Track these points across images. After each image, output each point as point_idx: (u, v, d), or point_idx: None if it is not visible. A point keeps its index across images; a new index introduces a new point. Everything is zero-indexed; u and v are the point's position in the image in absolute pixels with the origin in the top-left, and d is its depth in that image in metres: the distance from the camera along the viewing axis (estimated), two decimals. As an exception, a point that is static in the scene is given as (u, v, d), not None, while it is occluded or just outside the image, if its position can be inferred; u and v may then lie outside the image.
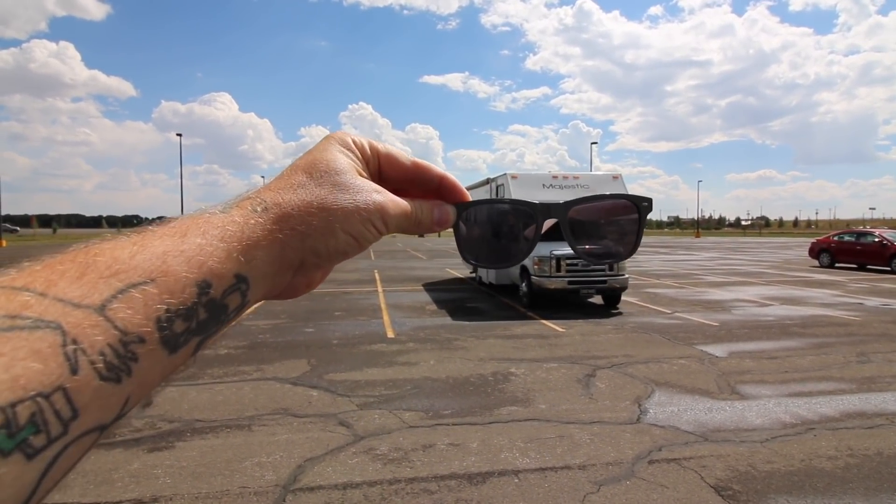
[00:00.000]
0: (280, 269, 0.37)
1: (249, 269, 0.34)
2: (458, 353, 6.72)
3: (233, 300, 0.33)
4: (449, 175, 0.47)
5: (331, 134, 0.44)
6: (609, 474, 3.53)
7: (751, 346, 7.20)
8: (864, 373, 5.87)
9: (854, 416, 4.59)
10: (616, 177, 10.99)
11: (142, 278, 0.29)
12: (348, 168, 0.41)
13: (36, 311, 0.25)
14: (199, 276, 0.31)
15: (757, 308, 10.40)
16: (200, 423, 4.40)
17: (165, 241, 0.32)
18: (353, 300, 11.26)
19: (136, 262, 0.29)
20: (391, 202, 0.42)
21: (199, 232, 0.33)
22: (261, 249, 0.35)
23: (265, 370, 5.95)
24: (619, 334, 7.89)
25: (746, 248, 38.37)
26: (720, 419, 4.52)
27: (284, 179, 0.39)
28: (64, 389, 0.24)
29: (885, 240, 17.94)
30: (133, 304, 0.28)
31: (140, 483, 3.40)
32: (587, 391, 5.23)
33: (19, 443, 0.22)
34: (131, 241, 0.31)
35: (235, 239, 0.34)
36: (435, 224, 0.46)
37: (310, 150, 0.42)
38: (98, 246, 0.30)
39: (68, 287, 0.27)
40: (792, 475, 3.52)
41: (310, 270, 0.40)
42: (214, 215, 0.35)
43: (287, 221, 0.36)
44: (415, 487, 3.37)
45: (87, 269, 0.28)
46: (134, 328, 0.27)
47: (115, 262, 0.29)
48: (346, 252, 0.40)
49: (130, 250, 0.30)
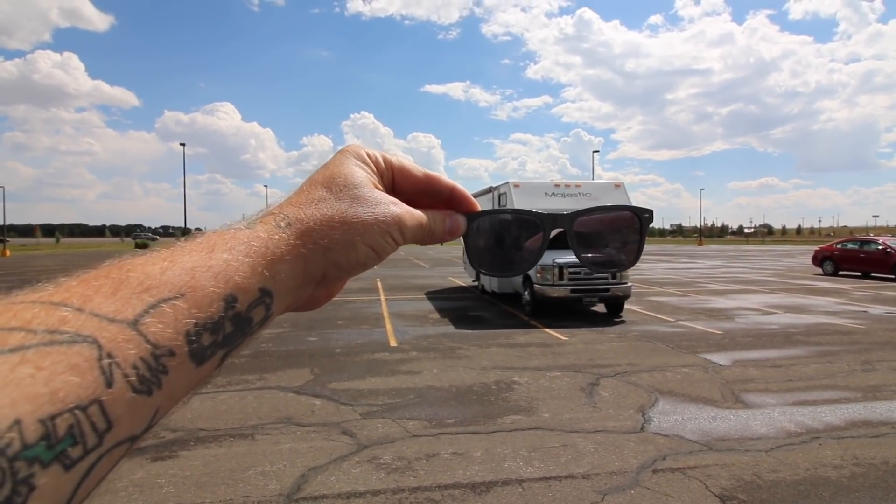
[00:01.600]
0: (303, 282, 0.38)
1: (274, 283, 0.35)
2: (461, 362, 6.72)
3: (257, 313, 0.34)
4: (458, 186, 0.48)
5: (345, 147, 0.45)
6: (613, 483, 3.51)
7: (754, 354, 7.18)
8: (868, 381, 5.85)
9: (859, 424, 4.57)
10: (618, 185, 11.00)
11: (172, 293, 0.30)
12: (365, 181, 0.42)
13: (73, 325, 0.26)
14: (226, 290, 0.32)
15: (760, 316, 10.37)
16: (204, 432, 4.40)
17: (193, 256, 0.33)
18: (355, 309, 11.26)
19: (166, 277, 0.30)
20: (408, 213, 0.43)
21: (225, 247, 0.34)
22: (285, 264, 0.36)
23: (268, 379, 5.95)
24: (622, 343, 7.88)
25: (749, 256, 38.29)
26: (724, 428, 4.50)
27: (305, 194, 0.40)
28: (100, 402, 0.25)
29: (888, 247, 17.89)
30: (164, 318, 0.29)
31: (144, 492, 3.40)
32: (591, 400, 5.22)
33: (58, 454, 0.23)
34: (161, 257, 0.32)
35: (260, 254, 0.35)
36: (447, 234, 0.47)
37: (326, 164, 0.43)
38: (130, 262, 0.31)
39: (103, 302, 0.28)
40: (797, 484, 3.51)
41: (331, 282, 0.41)
42: (240, 231, 0.36)
43: (310, 236, 0.37)
44: (418, 497, 3.36)
45: (121, 285, 0.29)
46: (165, 342, 0.28)
47: (147, 278, 0.30)
48: (366, 263, 0.41)
49: (161, 266, 0.31)
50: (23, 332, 0.25)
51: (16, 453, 0.22)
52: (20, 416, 0.22)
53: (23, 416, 0.23)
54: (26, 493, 0.22)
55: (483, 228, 0.51)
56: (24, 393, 0.23)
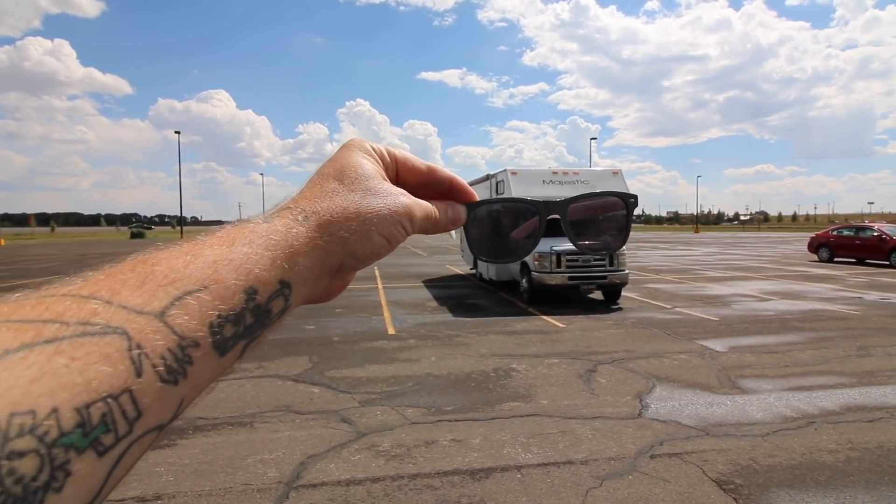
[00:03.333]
0: (321, 273, 0.39)
1: (293, 275, 0.36)
2: (459, 350, 6.73)
3: (276, 304, 0.35)
4: (457, 177, 0.50)
5: (349, 141, 0.46)
6: (611, 469, 3.54)
7: (751, 340, 7.22)
8: (864, 367, 5.89)
9: (854, 409, 4.61)
10: (616, 172, 10.98)
11: (196, 286, 0.31)
12: (375, 173, 0.43)
13: (104, 317, 0.27)
14: (247, 282, 0.33)
15: (756, 303, 10.42)
16: (202, 420, 4.40)
17: (215, 249, 0.34)
18: (353, 297, 11.25)
19: (189, 270, 0.32)
20: (416, 204, 0.44)
21: (245, 241, 0.35)
22: (303, 256, 0.37)
23: (266, 367, 5.95)
24: (619, 329, 7.90)
25: (745, 242, 38.40)
26: (721, 413, 4.53)
27: (317, 187, 0.41)
28: (130, 391, 0.26)
29: (883, 234, 17.96)
30: (189, 310, 0.30)
31: (143, 481, 3.41)
32: (588, 386, 5.24)
33: (92, 441, 0.24)
34: (184, 251, 0.33)
35: (279, 247, 0.36)
36: (450, 223, 0.49)
37: (333, 157, 0.44)
38: (154, 255, 0.32)
39: (131, 295, 0.29)
40: (793, 469, 3.54)
41: (346, 272, 0.42)
42: (259, 225, 0.37)
43: (327, 228, 0.39)
44: (418, 483, 3.38)
45: (147, 278, 0.30)
46: (190, 333, 0.29)
47: (172, 272, 0.31)
48: (380, 253, 0.42)
49: (184, 259, 0.32)
50: (56, 324, 0.26)
51: (54, 440, 0.23)
52: (57, 404, 0.24)
53: (60, 405, 0.24)
54: (63, 478, 0.23)
55: (482, 217, 0.53)
56: (60, 382, 0.24)
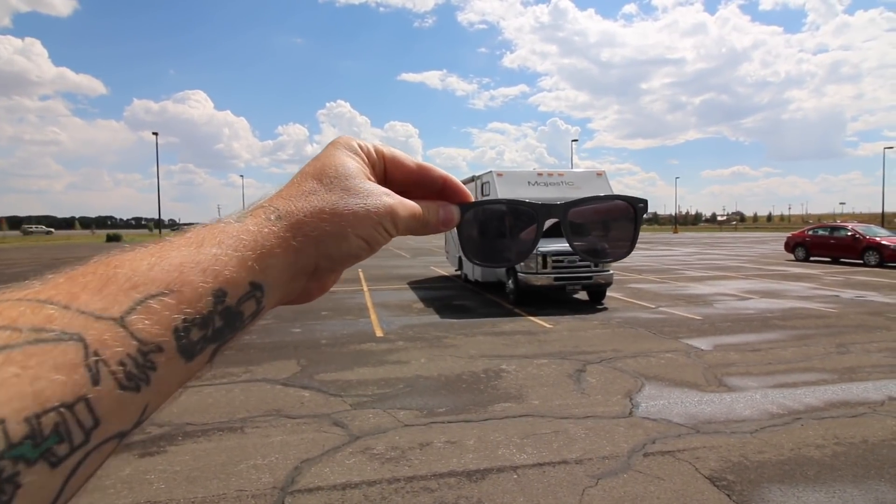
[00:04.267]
0: (295, 275, 0.38)
1: (264, 277, 0.35)
2: (448, 351, 6.73)
3: (248, 307, 0.34)
4: (451, 176, 0.48)
5: (337, 139, 0.45)
6: (606, 468, 3.57)
7: (734, 338, 7.35)
8: (844, 363, 6.03)
9: (838, 405, 4.72)
10: (600, 173, 11.08)
11: (160, 289, 0.30)
12: (357, 172, 0.42)
13: (60, 323, 0.26)
14: (215, 285, 0.32)
15: (737, 301, 10.61)
16: (191, 426, 4.33)
17: (182, 251, 0.33)
18: (338, 299, 11.17)
19: (153, 273, 0.30)
20: (400, 204, 0.43)
21: (214, 242, 0.34)
22: (275, 257, 0.36)
23: (254, 371, 5.88)
24: (605, 329, 7.98)
25: (723, 242, 39.10)
26: (710, 411, 4.60)
27: (295, 187, 0.40)
28: (86, 400, 0.25)
29: (857, 233, 18.45)
30: (151, 314, 0.29)
31: (133, 489, 3.34)
32: (579, 386, 5.28)
33: (44, 452, 0.24)
34: (149, 253, 0.32)
35: (250, 248, 0.35)
36: (441, 224, 0.47)
37: (317, 155, 0.43)
38: (118, 258, 0.31)
39: (90, 299, 0.28)
40: (783, 464, 3.61)
41: (323, 275, 0.41)
42: (229, 224, 0.36)
43: (300, 229, 0.37)
44: (414, 486, 3.37)
45: (108, 282, 0.29)
46: (152, 338, 0.29)
47: (135, 274, 0.30)
48: (359, 255, 0.41)
49: (149, 262, 0.31)
50: (8, 330, 0.25)
51: (1, 452, 0.22)
52: (5, 415, 0.23)
53: (7, 416, 0.23)
54: (12, 491, 0.22)
55: (477, 219, 0.51)
56: (9, 393, 0.23)
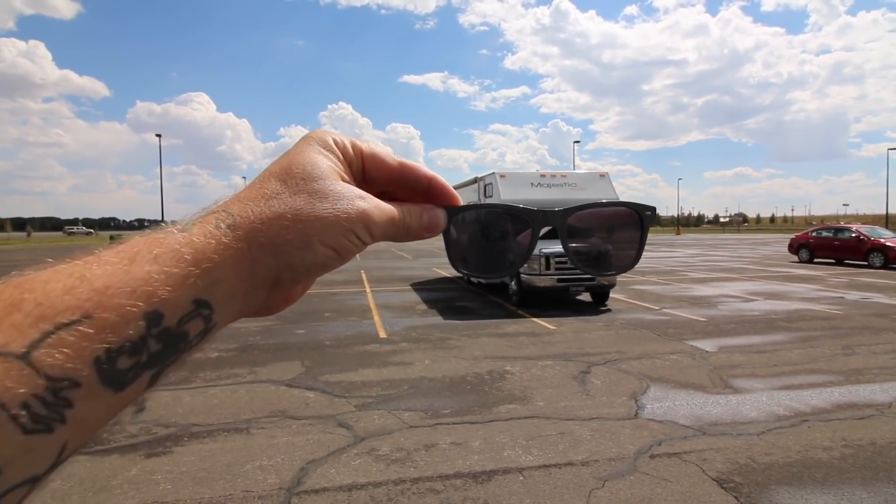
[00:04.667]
0: (251, 287, 0.34)
1: (211, 293, 0.32)
2: (452, 353, 6.72)
3: (193, 327, 0.31)
4: (438, 177, 0.44)
5: (310, 133, 0.41)
6: (612, 469, 3.55)
7: (739, 340, 7.32)
8: (850, 365, 6.01)
9: (845, 407, 4.70)
10: (603, 175, 11.08)
11: (75, 317, 0.27)
12: (328, 172, 0.38)
13: None
14: (148, 307, 0.29)
15: (742, 303, 10.58)
16: (197, 427, 4.33)
17: (107, 269, 0.29)
18: (341, 301, 11.18)
19: (69, 298, 0.27)
20: (375, 208, 0.39)
21: (149, 257, 0.30)
22: (224, 270, 0.32)
23: (258, 372, 5.88)
24: (609, 331, 7.97)
25: (726, 244, 39.03)
26: (716, 413, 4.58)
27: (256, 188, 0.36)
28: None
29: (861, 235, 18.40)
30: (64, 346, 0.26)
31: (140, 489, 3.34)
32: (584, 388, 5.27)
33: None
34: (69, 272, 0.28)
35: (192, 262, 0.31)
36: (424, 230, 0.43)
37: (287, 152, 0.39)
38: (30, 279, 0.28)
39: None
40: (790, 466, 3.59)
41: (287, 286, 0.37)
42: (171, 235, 0.32)
43: (256, 237, 0.34)
44: (420, 487, 3.36)
45: (13, 309, 0.26)
46: (65, 373, 0.25)
47: (46, 300, 0.27)
48: (326, 265, 0.37)
49: (65, 284, 0.28)
50: None
51: None
52: None
53: None
54: None
55: (465, 224, 0.46)
56: None
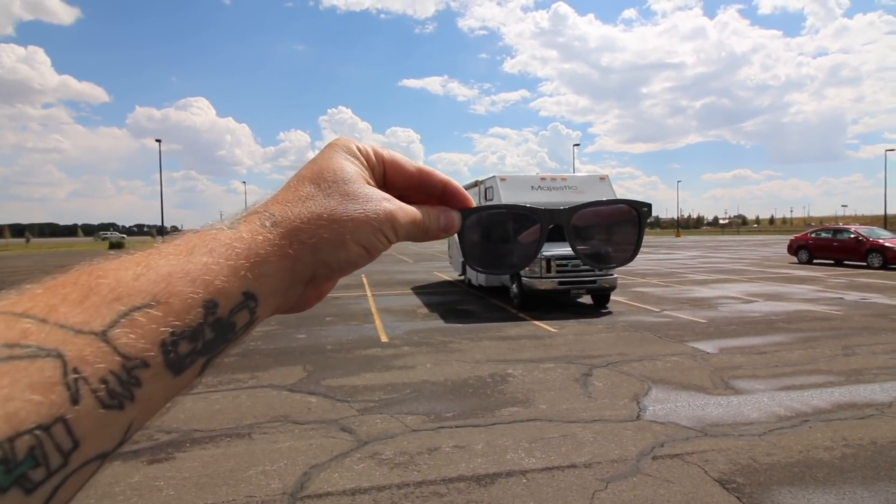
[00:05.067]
0: (291, 283, 0.37)
1: (258, 286, 0.34)
2: (454, 356, 6.73)
3: (241, 318, 0.33)
4: (452, 181, 0.47)
5: (334, 141, 0.43)
6: (615, 471, 3.56)
7: (739, 341, 7.33)
8: (850, 365, 6.02)
9: (846, 407, 4.71)
10: (603, 177, 11.10)
11: (145, 301, 0.28)
12: (356, 176, 0.40)
13: (36, 338, 0.25)
14: (206, 295, 0.30)
15: (742, 304, 10.59)
16: (199, 432, 4.33)
17: (170, 260, 0.31)
18: (343, 305, 11.18)
19: (139, 284, 0.29)
20: (400, 210, 0.41)
21: (205, 250, 0.32)
22: (270, 265, 0.34)
23: (260, 377, 5.89)
24: (611, 333, 7.97)
25: (726, 246, 39.05)
26: (718, 414, 4.59)
27: (291, 191, 0.39)
28: (64, 420, 0.24)
29: (860, 236, 18.43)
30: (137, 327, 0.27)
31: (143, 496, 3.34)
32: (586, 390, 5.28)
33: (18, 478, 0.22)
34: (135, 262, 0.30)
35: (243, 256, 0.33)
36: (441, 230, 0.46)
37: (314, 158, 0.42)
38: (101, 267, 0.29)
39: (70, 312, 0.26)
40: (792, 466, 3.60)
41: (320, 283, 0.40)
42: (222, 231, 0.34)
43: (297, 236, 0.36)
44: (424, 491, 3.37)
45: (90, 293, 0.27)
46: (137, 353, 0.27)
47: (119, 285, 0.28)
48: (357, 263, 0.39)
49: (135, 271, 0.29)
50: None
51: None
52: None
53: None
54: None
55: (479, 225, 0.50)
56: None
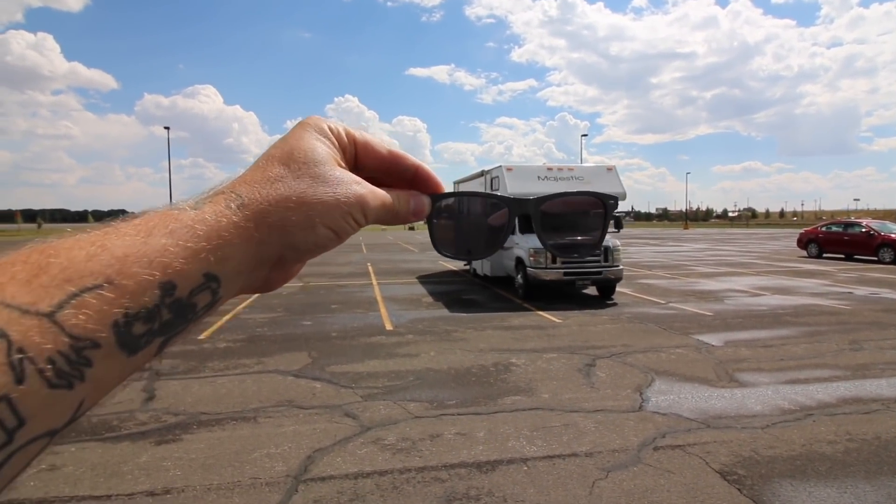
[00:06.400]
0: (256, 265, 0.36)
1: (220, 268, 0.33)
2: (457, 345, 6.76)
3: (202, 299, 0.32)
4: (423, 165, 0.47)
5: (306, 119, 0.42)
6: (616, 461, 3.58)
7: (745, 335, 7.31)
8: (857, 360, 5.99)
9: (850, 401, 4.69)
10: (610, 168, 11.03)
11: (97, 282, 0.28)
12: (326, 158, 0.40)
13: None
14: (163, 277, 0.30)
15: (749, 298, 10.54)
16: (206, 415, 4.39)
17: (126, 240, 0.30)
18: (348, 293, 11.24)
19: (92, 264, 0.28)
20: (371, 194, 0.41)
21: (165, 231, 0.32)
22: (234, 248, 0.34)
23: (266, 363, 5.95)
24: (615, 324, 7.97)
25: (734, 238, 38.78)
26: (721, 406, 4.59)
27: (260, 171, 0.38)
28: (8, 399, 0.24)
29: (871, 230, 18.21)
30: (87, 308, 0.27)
31: (150, 475, 3.40)
32: (588, 380, 5.29)
33: None
34: (90, 241, 0.30)
35: (204, 238, 0.32)
36: (411, 215, 0.46)
37: (284, 136, 0.41)
38: (54, 245, 0.29)
39: (18, 291, 0.26)
40: (794, 459, 3.60)
41: (287, 265, 0.39)
42: (184, 212, 0.33)
43: (265, 218, 0.35)
44: (425, 476, 3.40)
45: (40, 272, 0.27)
46: (87, 333, 0.27)
47: (70, 265, 0.28)
48: (326, 246, 0.39)
49: (88, 251, 0.29)
50: None
51: None
52: None
53: None
54: None
55: (448, 210, 0.50)
56: None
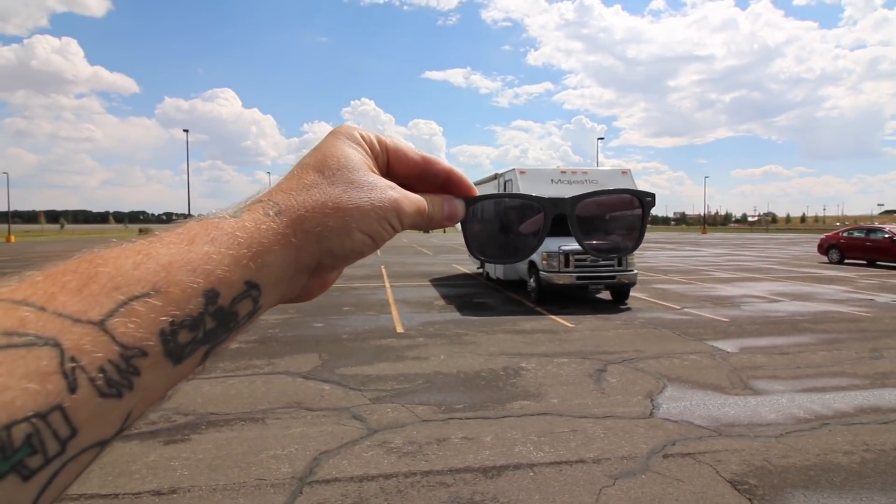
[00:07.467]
0: (295, 272, 0.36)
1: (261, 276, 0.33)
2: (468, 348, 6.73)
3: (243, 307, 0.33)
4: (456, 169, 0.46)
5: (337, 128, 0.43)
6: (624, 468, 3.53)
7: (762, 341, 7.17)
8: (876, 368, 5.84)
9: (868, 411, 4.57)
10: (625, 171, 10.92)
11: (145, 290, 0.28)
12: (360, 164, 0.40)
13: (34, 327, 0.25)
14: (206, 285, 0.30)
15: (766, 304, 10.35)
16: (214, 416, 4.43)
17: (171, 248, 0.31)
18: (361, 295, 11.27)
19: (139, 272, 0.29)
20: (405, 198, 0.41)
21: (207, 239, 0.32)
22: (273, 255, 0.34)
23: (276, 364, 5.98)
24: (628, 330, 7.88)
25: (753, 244, 38.16)
26: (733, 414, 4.50)
27: (295, 179, 0.38)
28: (62, 409, 0.24)
29: (895, 235, 17.81)
30: (135, 316, 0.27)
31: (158, 475, 3.43)
32: (599, 386, 5.23)
33: (14, 465, 0.22)
34: (136, 250, 0.30)
35: (245, 245, 0.33)
36: (445, 219, 0.46)
37: (317, 146, 0.41)
38: (102, 255, 0.30)
39: (68, 300, 0.26)
40: (808, 469, 3.51)
41: (325, 272, 0.40)
42: (224, 220, 0.34)
43: (301, 224, 0.36)
44: (430, 480, 3.38)
45: (90, 281, 0.28)
46: (136, 342, 0.27)
47: (118, 274, 0.28)
48: (362, 251, 0.39)
49: (135, 260, 0.29)
50: None
51: None
52: None
53: None
54: None
55: (482, 214, 0.50)
56: None
